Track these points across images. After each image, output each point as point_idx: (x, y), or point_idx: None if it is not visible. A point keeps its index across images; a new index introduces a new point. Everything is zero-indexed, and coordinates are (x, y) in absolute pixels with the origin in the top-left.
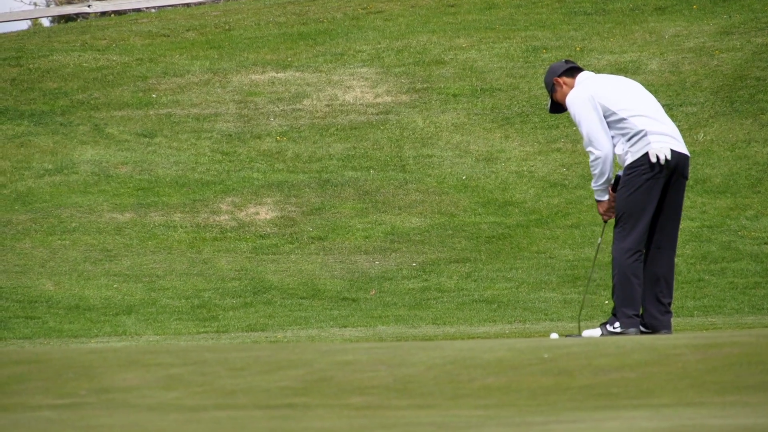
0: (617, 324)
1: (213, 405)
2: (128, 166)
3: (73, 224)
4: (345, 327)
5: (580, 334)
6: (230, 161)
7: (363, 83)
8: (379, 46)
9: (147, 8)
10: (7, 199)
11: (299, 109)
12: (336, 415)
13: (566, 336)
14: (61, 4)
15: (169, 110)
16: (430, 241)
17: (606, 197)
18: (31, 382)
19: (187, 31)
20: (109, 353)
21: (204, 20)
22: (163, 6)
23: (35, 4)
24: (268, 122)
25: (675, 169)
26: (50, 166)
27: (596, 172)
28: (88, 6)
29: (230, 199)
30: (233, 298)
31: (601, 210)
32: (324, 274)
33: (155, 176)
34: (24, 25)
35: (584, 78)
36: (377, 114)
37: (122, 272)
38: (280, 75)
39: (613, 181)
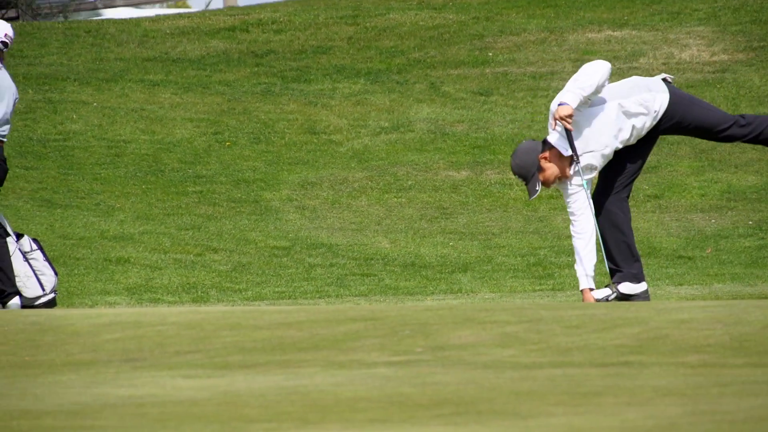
0: None
1: (548, 362)
2: (464, 124)
3: (409, 182)
4: (681, 285)
5: None
6: None
7: (699, 41)
8: (715, 4)
9: None
10: (343, 157)
11: (635, 68)
12: (671, 373)
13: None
14: None
15: (506, 68)
16: (766, 199)
17: None
18: (367, 339)
19: None
20: (444, 311)
21: None
22: None
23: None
24: None
25: None
26: (386, 124)
27: (594, 77)
28: None
29: None
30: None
31: (568, 114)
32: (660, 232)
33: (491, 134)
34: None
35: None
36: (713, 72)
37: (458, 230)
38: (617, 33)
39: None
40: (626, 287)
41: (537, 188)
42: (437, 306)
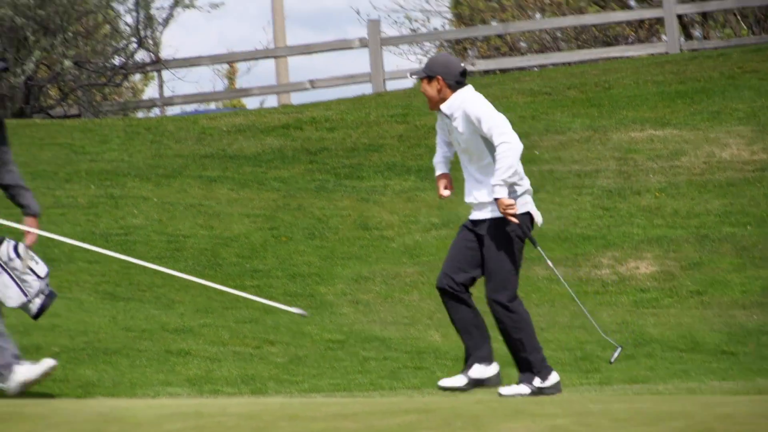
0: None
1: None
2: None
3: None
4: (724, 380)
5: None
6: (611, 216)
7: (739, 140)
8: (755, 104)
9: (530, 67)
10: (395, 252)
11: (677, 166)
12: None
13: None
14: None
15: (551, 166)
16: None
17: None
18: (420, 431)
19: (569, 89)
20: (495, 403)
21: (584, 79)
22: (545, 65)
23: (421, 62)
24: (648, 178)
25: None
26: (437, 220)
27: (512, 161)
28: (472, 64)
29: (611, 253)
30: (614, 350)
31: (507, 204)
32: (703, 328)
33: (538, 231)
34: (410, 83)
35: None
36: (754, 171)
37: None
38: (659, 132)
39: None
40: (538, 379)
41: (414, 78)
42: (488, 399)
